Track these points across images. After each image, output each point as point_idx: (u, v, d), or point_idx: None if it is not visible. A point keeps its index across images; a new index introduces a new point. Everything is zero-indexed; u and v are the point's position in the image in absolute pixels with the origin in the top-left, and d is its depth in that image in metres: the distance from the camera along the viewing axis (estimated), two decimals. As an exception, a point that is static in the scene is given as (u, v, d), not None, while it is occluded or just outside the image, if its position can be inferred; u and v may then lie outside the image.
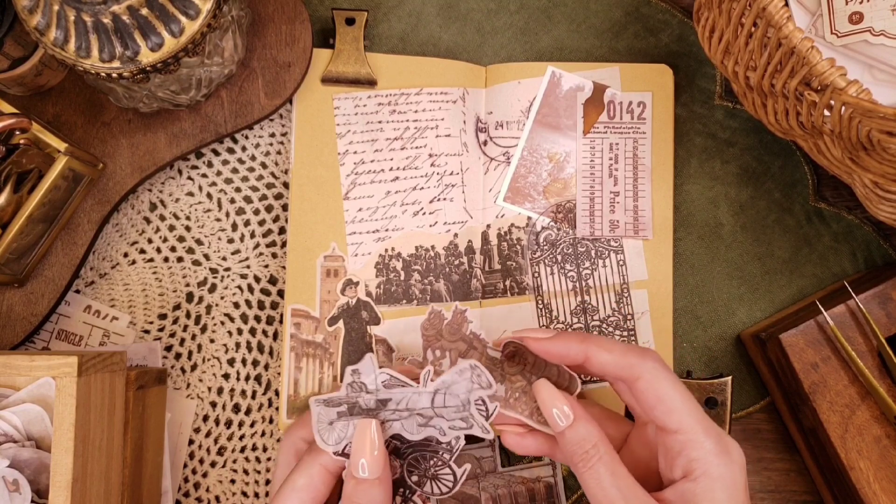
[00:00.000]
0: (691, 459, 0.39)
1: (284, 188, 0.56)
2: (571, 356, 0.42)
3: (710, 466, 0.39)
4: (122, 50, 0.44)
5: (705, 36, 0.49)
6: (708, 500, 0.39)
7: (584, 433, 0.41)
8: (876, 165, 0.43)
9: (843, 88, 0.39)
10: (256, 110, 0.54)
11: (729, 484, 0.39)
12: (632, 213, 0.55)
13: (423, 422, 0.42)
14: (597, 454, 0.40)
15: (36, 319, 0.52)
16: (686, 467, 0.39)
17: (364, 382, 0.41)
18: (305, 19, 0.54)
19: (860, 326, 0.50)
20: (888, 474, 0.49)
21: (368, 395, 0.41)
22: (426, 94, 0.55)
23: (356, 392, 0.41)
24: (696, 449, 0.39)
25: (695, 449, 0.39)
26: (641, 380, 0.41)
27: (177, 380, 0.55)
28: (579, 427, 0.41)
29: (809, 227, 0.56)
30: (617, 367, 0.41)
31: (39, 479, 0.43)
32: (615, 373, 0.41)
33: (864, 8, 0.43)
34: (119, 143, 0.53)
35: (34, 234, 0.50)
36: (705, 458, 0.39)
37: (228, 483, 0.54)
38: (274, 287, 0.56)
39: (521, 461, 0.54)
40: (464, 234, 0.55)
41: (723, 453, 0.39)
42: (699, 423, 0.40)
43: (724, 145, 0.57)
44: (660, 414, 0.40)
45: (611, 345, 0.42)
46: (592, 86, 0.56)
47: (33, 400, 0.43)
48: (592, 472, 0.40)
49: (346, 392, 0.41)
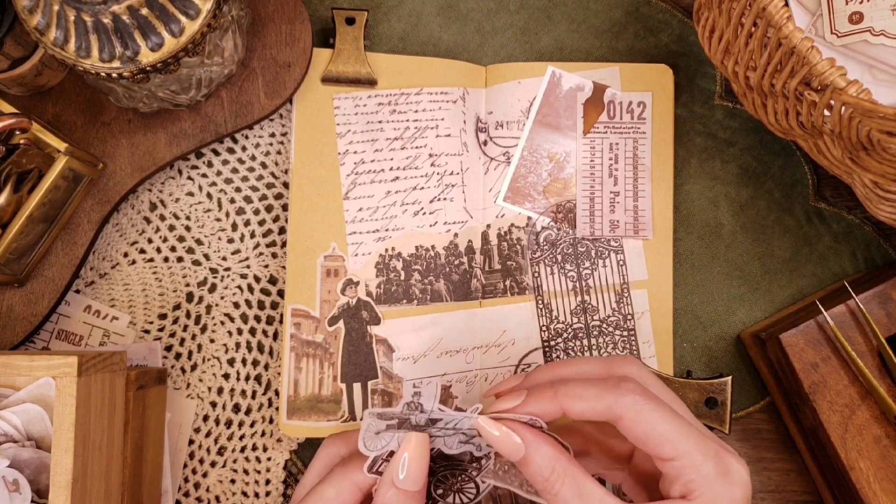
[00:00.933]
0: (688, 482, 0.38)
1: (284, 188, 0.56)
2: (548, 414, 0.40)
3: (708, 489, 0.38)
4: (122, 50, 0.44)
5: (705, 36, 0.49)
6: None
7: (538, 461, 0.39)
8: (876, 165, 0.43)
9: (843, 88, 0.39)
10: (256, 110, 0.54)
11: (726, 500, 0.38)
12: (632, 213, 0.55)
13: (465, 440, 0.41)
14: (558, 480, 0.38)
15: (36, 319, 0.52)
16: (684, 489, 0.38)
17: (422, 403, 0.41)
18: (305, 19, 0.54)
19: (860, 326, 0.50)
20: (888, 474, 0.49)
21: (422, 414, 0.41)
22: (426, 94, 0.55)
23: (411, 411, 0.41)
24: (693, 473, 0.38)
25: (692, 473, 0.38)
26: (624, 419, 0.39)
27: (177, 380, 0.55)
28: (532, 454, 0.39)
29: (809, 227, 0.56)
30: (595, 413, 0.39)
31: (39, 479, 0.43)
32: (596, 419, 0.39)
33: (864, 8, 0.43)
34: (119, 143, 0.53)
35: (34, 234, 0.50)
36: (703, 481, 0.38)
37: (228, 483, 0.54)
38: (274, 287, 0.56)
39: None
40: (464, 233, 0.55)
41: (722, 474, 0.38)
42: (696, 448, 0.38)
43: (724, 145, 0.57)
44: (652, 447, 0.39)
45: (583, 390, 0.39)
46: (592, 86, 0.56)
47: (33, 400, 0.43)
48: (558, 498, 0.38)
49: (402, 409, 0.41)
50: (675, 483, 0.39)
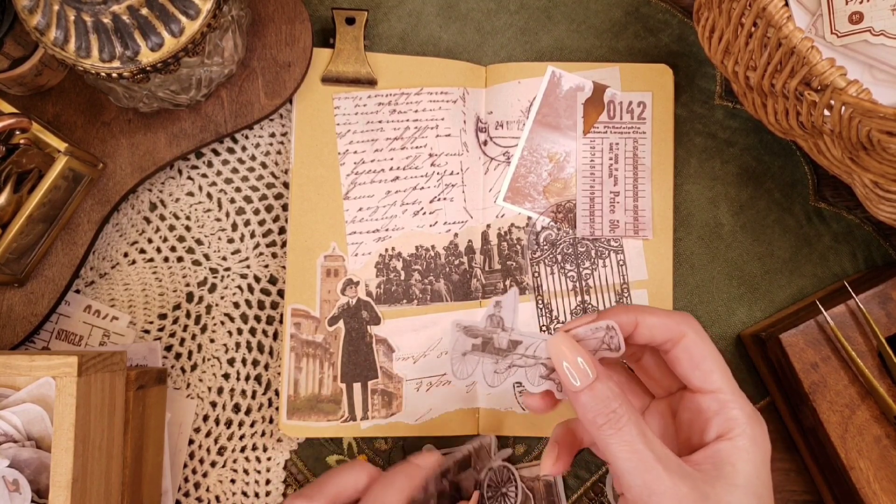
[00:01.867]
0: (730, 418, 0.38)
1: (284, 188, 0.56)
2: (623, 325, 0.40)
3: (747, 427, 0.38)
4: (122, 50, 0.44)
5: (705, 36, 0.49)
6: (744, 460, 0.38)
7: (608, 392, 0.37)
8: (876, 165, 0.43)
9: (843, 88, 0.39)
10: (256, 110, 0.54)
11: (762, 446, 0.39)
12: (632, 212, 0.55)
13: (546, 373, 0.40)
14: (625, 414, 0.37)
15: (36, 319, 0.52)
16: (723, 426, 0.38)
17: (503, 317, 0.40)
18: (305, 19, 0.54)
19: (860, 326, 0.50)
20: (888, 474, 0.49)
21: (504, 332, 0.40)
22: (426, 94, 0.55)
23: (494, 326, 0.40)
24: (735, 408, 0.39)
25: (734, 408, 0.39)
26: (686, 338, 0.39)
27: (177, 380, 0.55)
28: (601, 387, 0.37)
29: (809, 226, 0.56)
30: (665, 328, 0.39)
31: (39, 478, 0.43)
32: (662, 335, 0.39)
33: (864, 8, 0.43)
34: (119, 143, 0.53)
35: (34, 234, 0.50)
36: (743, 418, 0.38)
37: (228, 483, 0.54)
38: (274, 287, 0.56)
39: (522, 460, 0.54)
40: (464, 233, 0.55)
41: (756, 416, 0.39)
42: (736, 387, 0.39)
43: (724, 145, 0.57)
44: (701, 373, 0.39)
45: (654, 310, 0.40)
46: (592, 86, 0.56)
47: (33, 400, 0.43)
48: (622, 434, 0.37)
49: (486, 324, 0.40)
50: (713, 419, 0.39)
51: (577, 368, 0.38)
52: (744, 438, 0.38)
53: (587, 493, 0.55)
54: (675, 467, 0.37)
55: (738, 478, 0.37)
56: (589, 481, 0.55)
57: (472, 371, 0.40)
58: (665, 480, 0.36)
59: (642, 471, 0.36)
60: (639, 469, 0.36)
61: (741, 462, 0.38)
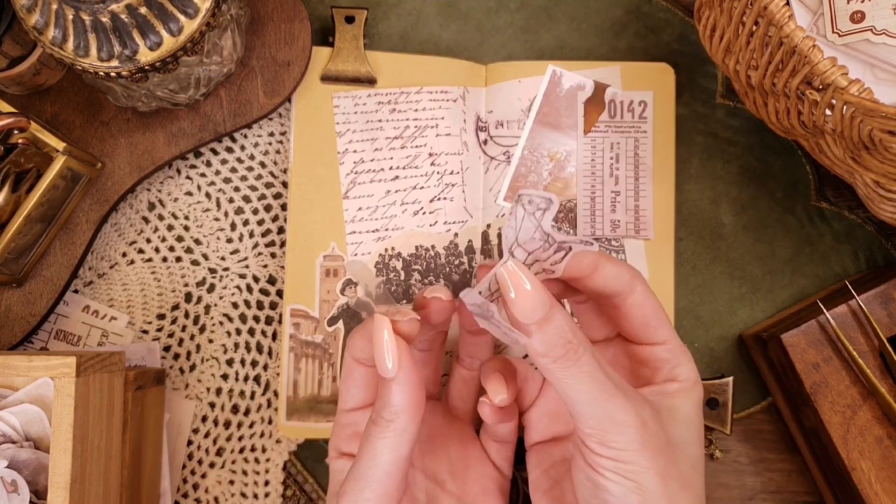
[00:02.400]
0: (677, 364, 0.40)
1: (283, 187, 0.56)
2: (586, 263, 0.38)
3: (690, 373, 0.40)
4: (121, 49, 0.44)
5: (706, 35, 0.49)
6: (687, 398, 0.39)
7: (562, 322, 0.35)
8: (878, 165, 0.43)
9: (845, 87, 0.39)
10: (255, 109, 0.54)
11: (701, 393, 0.40)
12: (633, 212, 0.55)
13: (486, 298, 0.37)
14: (582, 343, 0.35)
15: (34, 319, 0.52)
16: (671, 374, 0.40)
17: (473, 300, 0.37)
18: (304, 18, 0.54)
19: (862, 326, 0.50)
20: (890, 475, 0.48)
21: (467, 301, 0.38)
22: (426, 93, 0.55)
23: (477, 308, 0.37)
24: (683, 357, 0.40)
25: (682, 357, 0.40)
26: (636, 293, 0.39)
27: (175, 380, 0.55)
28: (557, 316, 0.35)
29: (811, 226, 0.56)
30: (618, 278, 0.39)
31: (38, 479, 0.43)
32: (615, 286, 0.39)
33: (865, 7, 0.43)
34: (118, 143, 0.53)
35: (32, 234, 0.50)
36: (689, 366, 0.40)
37: (227, 484, 0.54)
38: (273, 287, 0.56)
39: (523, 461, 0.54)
40: (464, 233, 0.55)
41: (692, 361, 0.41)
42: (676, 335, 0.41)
43: (725, 144, 0.56)
44: (652, 328, 0.40)
45: (610, 258, 0.39)
46: (593, 85, 0.56)
47: (31, 400, 0.43)
48: (581, 364, 0.35)
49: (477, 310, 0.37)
50: (661, 368, 0.40)
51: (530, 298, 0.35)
52: (689, 382, 0.39)
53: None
54: (632, 394, 0.36)
55: (679, 413, 0.39)
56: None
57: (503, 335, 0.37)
58: (628, 408, 0.35)
59: (604, 400, 0.35)
60: (600, 399, 0.35)
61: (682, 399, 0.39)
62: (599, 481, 0.36)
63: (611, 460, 0.35)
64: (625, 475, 0.35)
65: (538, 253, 0.37)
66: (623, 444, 0.35)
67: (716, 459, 0.55)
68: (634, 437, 0.35)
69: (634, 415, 0.35)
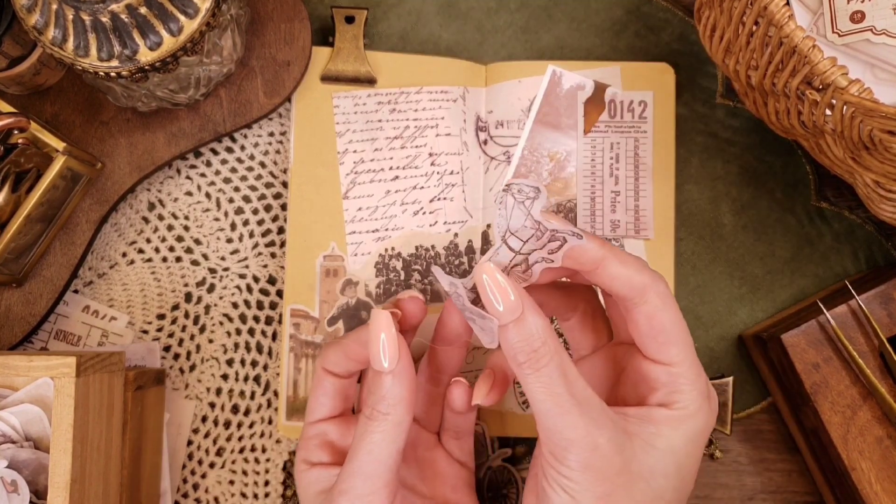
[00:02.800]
0: (676, 391, 0.37)
1: (283, 188, 0.56)
2: (587, 258, 0.37)
3: (692, 404, 0.37)
4: (121, 49, 0.44)
5: (706, 35, 0.49)
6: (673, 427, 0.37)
7: (532, 329, 0.35)
8: (878, 165, 0.43)
9: (845, 87, 0.39)
10: (255, 109, 0.54)
11: (701, 422, 0.37)
12: (633, 212, 0.55)
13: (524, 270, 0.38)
14: (547, 353, 0.35)
15: (34, 319, 0.52)
16: (667, 398, 0.37)
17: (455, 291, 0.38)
18: (304, 17, 0.54)
19: (862, 326, 0.50)
20: (890, 475, 0.48)
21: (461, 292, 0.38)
22: (426, 93, 0.55)
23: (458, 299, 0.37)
24: (686, 384, 0.37)
25: (686, 384, 0.37)
26: (647, 304, 0.37)
27: (175, 380, 0.55)
28: (529, 322, 0.35)
29: (811, 226, 0.56)
30: (627, 284, 0.37)
31: (38, 479, 0.43)
32: (622, 291, 0.37)
33: (865, 7, 0.43)
34: (118, 143, 0.53)
35: (32, 234, 0.50)
36: (692, 394, 0.37)
37: (227, 484, 0.54)
38: (273, 287, 0.56)
39: (522, 461, 0.54)
40: (464, 233, 0.55)
41: (706, 396, 0.38)
42: (695, 362, 0.38)
43: (725, 144, 0.56)
44: (656, 345, 0.37)
45: (625, 257, 0.37)
46: (593, 85, 0.56)
47: (31, 400, 0.43)
48: (541, 374, 0.34)
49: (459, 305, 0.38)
50: (658, 389, 0.37)
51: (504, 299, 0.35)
52: (684, 412, 0.37)
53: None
54: (595, 414, 0.35)
55: (659, 441, 0.36)
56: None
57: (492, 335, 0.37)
58: (580, 428, 0.34)
59: (556, 414, 0.34)
60: (553, 412, 0.34)
61: (669, 428, 0.37)
62: (544, 486, 0.36)
63: (555, 472, 0.35)
64: (564, 489, 0.35)
65: (532, 242, 0.36)
66: (568, 461, 0.35)
67: (716, 459, 0.55)
68: (579, 458, 0.35)
69: (584, 435, 0.34)
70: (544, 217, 0.36)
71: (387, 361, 0.37)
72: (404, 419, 0.38)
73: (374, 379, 0.38)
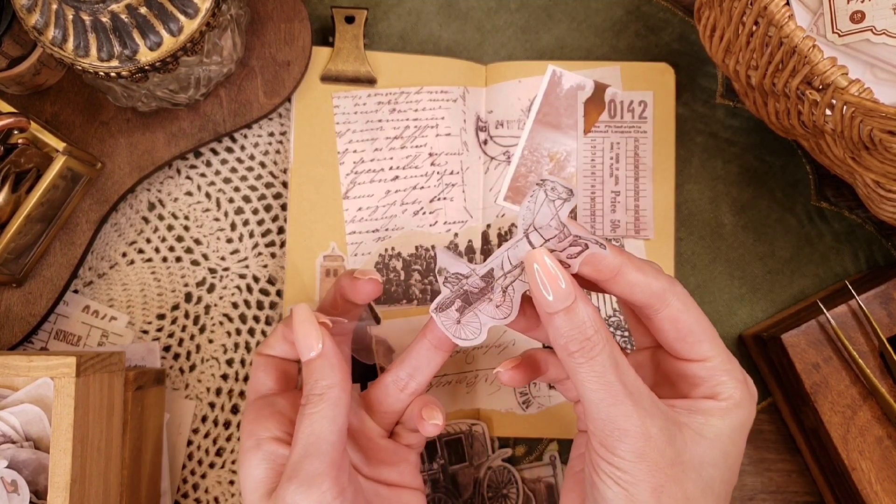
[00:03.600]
0: (718, 384, 0.37)
1: (283, 188, 0.56)
2: (605, 265, 0.36)
3: (735, 392, 0.37)
4: (121, 49, 0.44)
5: (706, 35, 0.49)
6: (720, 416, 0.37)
7: (585, 317, 0.34)
8: (878, 165, 0.43)
9: (845, 87, 0.39)
10: (255, 109, 0.54)
11: (745, 409, 0.37)
12: (633, 212, 0.55)
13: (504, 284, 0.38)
14: (600, 342, 0.34)
15: (34, 319, 0.52)
16: (711, 391, 0.37)
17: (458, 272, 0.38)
18: (304, 17, 0.54)
19: (862, 326, 0.50)
20: (890, 475, 0.48)
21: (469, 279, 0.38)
22: (426, 93, 0.55)
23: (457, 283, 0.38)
24: (724, 375, 0.37)
25: (723, 375, 0.37)
26: (670, 307, 0.36)
27: (175, 380, 0.55)
28: (580, 310, 0.34)
29: (811, 226, 0.56)
30: (647, 291, 0.36)
31: (38, 479, 0.43)
32: (641, 298, 0.37)
33: (865, 7, 0.43)
34: (117, 143, 0.53)
35: (32, 234, 0.50)
36: (733, 384, 0.37)
37: (227, 484, 0.54)
38: (273, 287, 0.56)
39: (522, 461, 0.54)
40: (464, 233, 0.55)
41: (744, 381, 0.38)
42: (726, 352, 0.38)
43: (725, 144, 0.56)
44: (690, 344, 0.37)
45: (642, 264, 0.37)
46: (593, 84, 0.56)
47: (31, 400, 0.43)
48: (594, 363, 0.34)
49: (451, 290, 0.38)
50: (700, 385, 0.37)
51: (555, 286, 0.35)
52: (730, 401, 0.37)
53: (587, 494, 0.54)
54: (647, 404, 0.35)
55: (708, 430, 0.36)
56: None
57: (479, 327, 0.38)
58: (633, 417, 0.34)
59: (609, 404, 0.34)
60: (606, 402, 0.34)
61: (717, 418, 0.37)
62: (595, 481, 0.36)
63: (608, 464, 0.35)
64: (617, 481, 0.35)
65: (553, 242, 0.36)
66: (621, 451, 0.35)
67: (716, 459, 0.55)
68: (633, 448, 0.34)
69: (639, 425, 0.34)
70: (570, 221, 0.36)
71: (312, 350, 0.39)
72: (341, 397, 0.39)
73: (306, 369, 0.40)
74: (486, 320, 0.38)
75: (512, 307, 0.37)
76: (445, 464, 0.52)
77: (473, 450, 0.53)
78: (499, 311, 0.37)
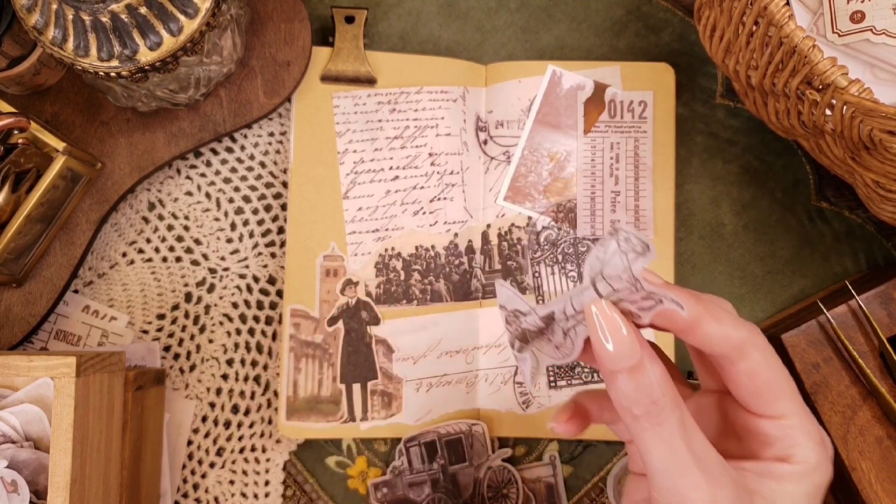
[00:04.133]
0: (793, 445, 0.34)
1: (283, 188, 0.56)
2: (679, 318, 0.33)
3: (812, 455, 0.34)
4: (121, 49, 0.44)
5: (706, 35, 0.49)
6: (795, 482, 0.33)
7: (652, 379, 0.31)
8: (878, 165, 0.43)
9: (845, 87, 0.39)
10: (255, 109, 0.54)
11: (822, 472, 0.34)
12: (633, 212, 0.55)
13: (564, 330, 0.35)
14: (668, 405, 0.31)
15: (34, 319, 0.52)
16: (784, 453, 0.34)
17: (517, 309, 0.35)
18: (304, 17, 0.54)
19: (862, 326, 0.50)
20: (890, 475, 0.48)
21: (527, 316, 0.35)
22: (426, 93, 0.55)
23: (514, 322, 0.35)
24: (801, 437, 0.34)
25: (801, 437, 0.34)
26: (748, 360, 0.33)
27: (175, 380, 0.55)
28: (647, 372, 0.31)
29: (811, 226, 0.56)
30: (725, 343, 0.33)
31: (38, 479, 0.43)
32: (718, 350, 0.33)
33: (865, 7, 0.43)
34: (117, 143, 0.53)
35: (32, 234, 0.50)
36: (809, 445, 0.34)
37: (227, 484, 0.54)
38: (273, 287, 0.56)
39: (522, 461, 0.54)
40: (464, 233, 0.55)
41: (822, 443, 0.34)
42: (805, 411, 0.34)
43: (725, 144, 0.56)
44: (766, 401, 0.34)
45: (720, 314, 0.33)
46: (593, 85, 0.56)
47: (32, 400, 0.43)
48: (661, 430, 0.31)
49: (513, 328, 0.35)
50: (773, 445, 0.34)
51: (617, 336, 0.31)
52: (805, 465, 0.34)
53: (588, 495, 0.54)
54: (717, 472, 0.32)
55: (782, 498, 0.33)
56: (590, 482, 0.54)
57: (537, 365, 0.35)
58: (702, 488, 0.31)
59: (677, 475, 0.31)
60: (673, 472, 0.31)
61: (791, 484, 0.34)
62: None
63: None
64: None
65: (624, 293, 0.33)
66: None
67: (716, 459, 0.55)
68: None
69: (707, 495, 0.31)
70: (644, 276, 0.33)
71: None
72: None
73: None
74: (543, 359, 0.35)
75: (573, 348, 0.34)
76: (445, 464, 0.52)
77: (473, 450, 0.53)
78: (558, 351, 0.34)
